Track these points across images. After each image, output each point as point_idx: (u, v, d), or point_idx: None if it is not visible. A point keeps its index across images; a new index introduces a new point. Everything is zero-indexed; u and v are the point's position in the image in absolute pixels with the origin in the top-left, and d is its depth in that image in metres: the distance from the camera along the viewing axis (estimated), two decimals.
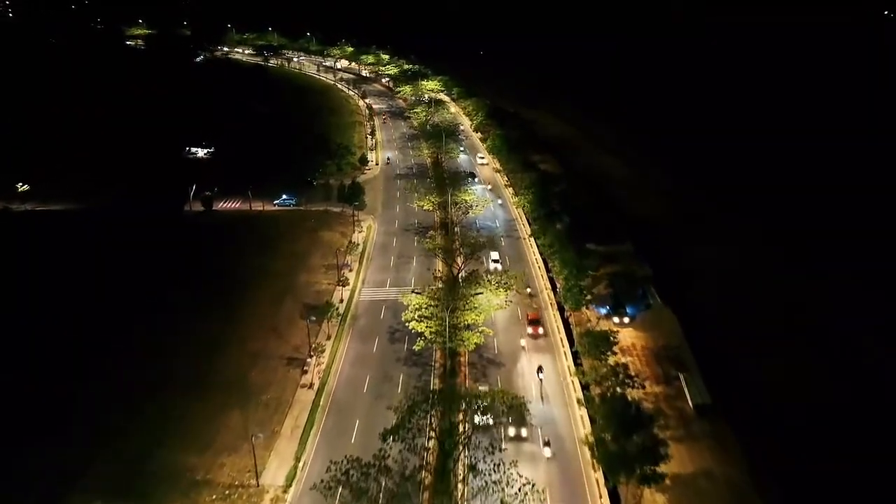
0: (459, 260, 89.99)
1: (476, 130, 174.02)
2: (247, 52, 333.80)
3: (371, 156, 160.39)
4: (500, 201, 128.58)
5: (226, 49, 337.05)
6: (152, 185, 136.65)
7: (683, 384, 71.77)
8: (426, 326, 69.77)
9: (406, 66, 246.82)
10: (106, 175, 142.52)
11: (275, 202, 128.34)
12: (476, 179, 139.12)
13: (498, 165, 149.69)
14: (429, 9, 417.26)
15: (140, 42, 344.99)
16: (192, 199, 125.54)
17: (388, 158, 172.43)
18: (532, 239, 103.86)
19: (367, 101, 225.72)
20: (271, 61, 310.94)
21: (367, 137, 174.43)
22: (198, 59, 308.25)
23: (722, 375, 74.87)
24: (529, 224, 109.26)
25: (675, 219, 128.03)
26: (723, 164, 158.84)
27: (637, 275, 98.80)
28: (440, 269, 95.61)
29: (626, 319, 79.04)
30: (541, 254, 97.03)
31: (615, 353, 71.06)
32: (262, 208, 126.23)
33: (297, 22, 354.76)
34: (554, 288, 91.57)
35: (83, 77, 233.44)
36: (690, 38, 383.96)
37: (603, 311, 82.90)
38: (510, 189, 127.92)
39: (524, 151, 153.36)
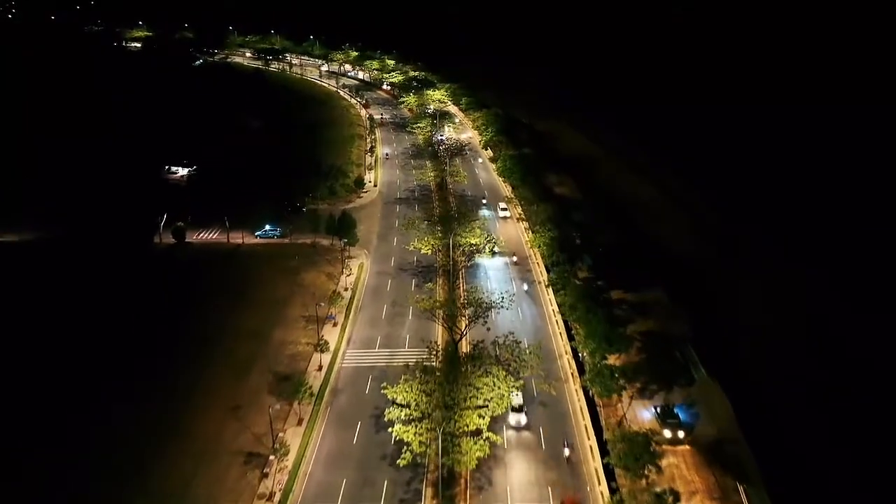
0: (462, 322, 74.45)
1: (485, 147, 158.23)
2: (248, 55, 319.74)
3: (370, 176, 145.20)
4: (526, 287, 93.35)
5: (226, 52, 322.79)
6: (124, 210, 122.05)
7: (745, 502, 55.98)
8: (415, 433, 54.14)
9: (412, 73, 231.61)
10: (74, 197, 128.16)
11: (256, 233, 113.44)
12: (496, 249, 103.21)
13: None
14: (433, 11, 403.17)
15: (135, 45, 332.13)
16: (163, 229, 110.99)
17: (387, 154, 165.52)
18: (550, 289, 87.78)
19: (369, 111, 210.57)
20: (272, 66, 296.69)
21: (365, 154, 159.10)
22: (196, 64, 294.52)
23: (793, 484, 58.99)
24: (547, 270, 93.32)
25: (713, 253, 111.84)
26: (762, 184, 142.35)
27: (674, 334, 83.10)
28: (439, 338, 79.40)
29: (682, 434, 61.64)
30: (560, 313, 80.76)
31: (659, 468, 55.23)
32: (241, 241, 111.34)
33: (301, 24, 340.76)
34: (576, 355, 75.92)
35: (65, 84, 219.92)
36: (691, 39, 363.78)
37: (648, 413, 65.93)
38: (524, 223, 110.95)
39: (539, 173, 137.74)
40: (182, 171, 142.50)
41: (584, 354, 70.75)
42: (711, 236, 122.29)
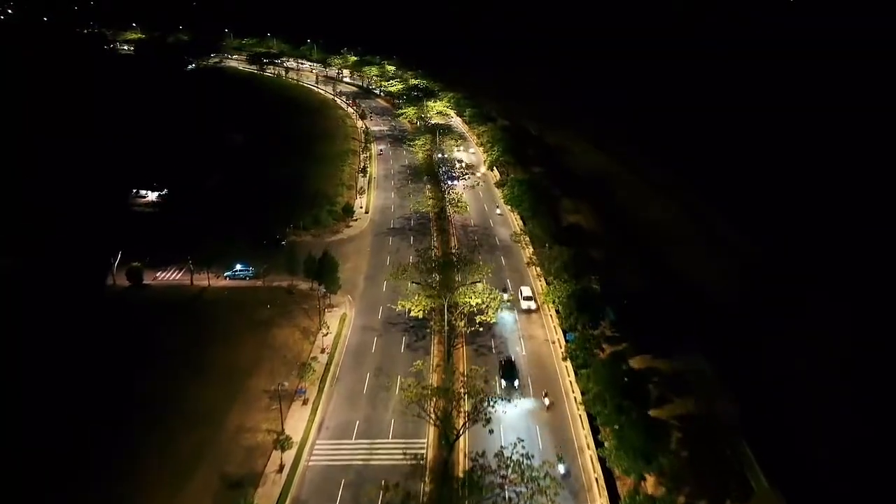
0: (459, 420, 58.94)
1: (491, 168, 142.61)
2: (243, 59, 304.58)
3: (361, 201, 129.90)
4: (563, 468, 58.27)
5: (221, 56, 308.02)
6: (79, 242, 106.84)
7: None
8: None
9: (413, 82, 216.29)
10: (22, 227, 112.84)
11: (225, 274, 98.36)
12: (516, 384, 69.80)
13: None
14: (433, 11, 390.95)
15: (124, 47, 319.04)
16: (117, 269, 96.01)
17: (382, 150, 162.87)
18: (568, 362, 71.86)
19: (366, 122, 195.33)
20: (268, 71, 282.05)
21: (357, 174, 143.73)
22: (188, 68, 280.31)
23: None
24: (564, 335, 77.50)
25: (756, 299, 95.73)
26: (811, 213, 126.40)
27: (722, 420, 67.59)
28: (429, 437, 62.88)
29: None
30: (583, 402, 64.43)
31: None
32: (207, 283, 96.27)
33: (300, 26, 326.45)
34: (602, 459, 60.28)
35: (55, 87, 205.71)
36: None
37: None
38: (535, 268, 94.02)
39: (551, 199, 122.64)
40: (151, 195, 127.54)
41: (615, 469, 55.18)
42: (746, 272, 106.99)
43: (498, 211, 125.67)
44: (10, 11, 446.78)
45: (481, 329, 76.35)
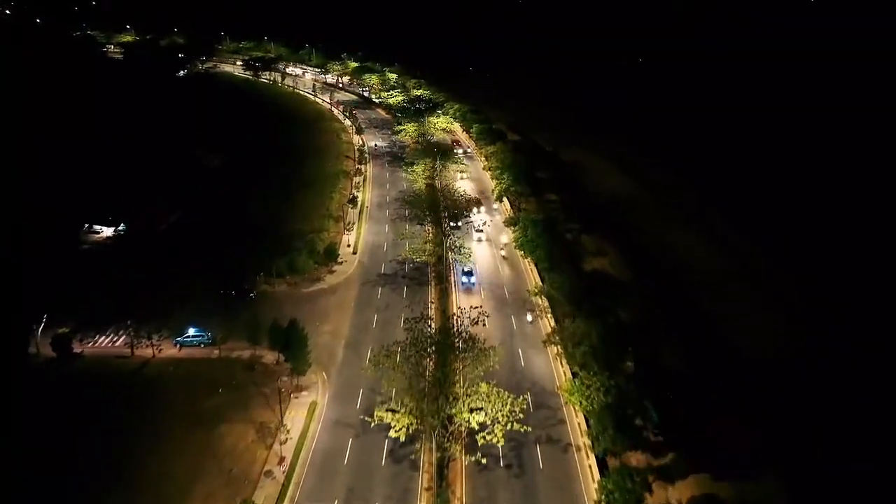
0: None
1: (499, 199, 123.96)
2: (239, 63, 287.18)
3: (349, 237, 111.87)
4: None
5: (215, 61, 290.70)
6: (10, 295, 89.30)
7: None
8: None
9: (415, 92, 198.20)
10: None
11: (175, 340, 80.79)
12: None
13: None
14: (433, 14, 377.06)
15: (112, 48, 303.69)
16: (41, 337, 78.53)
17: (376, 146, 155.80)
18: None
19: (363, 137, 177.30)
20: (263, 77, 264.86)
21: (346, 205, 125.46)
22: (178, 74, 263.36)
23: None
24: (599, 464, 58.24)
25: (818, 366, 77.94)
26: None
27: None
28: None
29: None
30: None
31: None
32: (152, 354, 78.71)
33: (298, 30, 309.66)
34: None
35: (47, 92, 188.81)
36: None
37: None
38: (556, 347, 73.66)
39: (570, 239, 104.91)
40: (107, 231, 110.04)
41: None
42: (794, 323, 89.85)
43: (503, 253, 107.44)
44: (8, 12, 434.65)
45: (484, 461, 57.54)
